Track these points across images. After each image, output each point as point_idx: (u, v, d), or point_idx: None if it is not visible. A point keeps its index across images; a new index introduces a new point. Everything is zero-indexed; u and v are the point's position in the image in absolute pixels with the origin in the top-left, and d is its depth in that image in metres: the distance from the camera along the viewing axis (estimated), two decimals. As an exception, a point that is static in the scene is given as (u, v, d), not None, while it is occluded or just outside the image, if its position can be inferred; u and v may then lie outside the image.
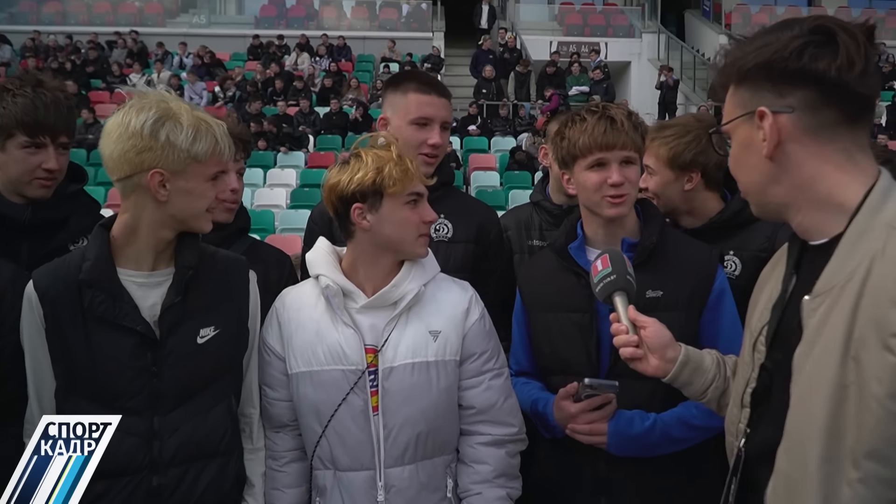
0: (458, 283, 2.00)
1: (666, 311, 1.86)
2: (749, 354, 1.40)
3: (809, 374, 1.17)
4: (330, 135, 14.35)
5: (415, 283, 1.87)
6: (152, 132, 1.63)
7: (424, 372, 1.84)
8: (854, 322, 1.11)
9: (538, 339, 2.10)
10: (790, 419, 1.20)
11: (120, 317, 1.68)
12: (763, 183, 1.30)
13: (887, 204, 1.17)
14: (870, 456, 1.07)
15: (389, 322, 1.85)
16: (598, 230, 2.03)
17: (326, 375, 1.83)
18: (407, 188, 1.82)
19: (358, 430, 1.82)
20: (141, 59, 17.19)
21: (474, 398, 1.92)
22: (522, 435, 1.98)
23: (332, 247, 1.97)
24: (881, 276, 1.09)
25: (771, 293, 1.39)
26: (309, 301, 1.91)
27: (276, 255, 2.45)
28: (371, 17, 19.93)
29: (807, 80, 1.20)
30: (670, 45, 19.13)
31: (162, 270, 1.76)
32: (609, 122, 1.92)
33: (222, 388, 1.82)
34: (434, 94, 2.37)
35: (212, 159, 1.70)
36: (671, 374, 1.57)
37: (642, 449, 1.90)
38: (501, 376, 1.96)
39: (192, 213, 1.73)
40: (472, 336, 1.92)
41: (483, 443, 1.92)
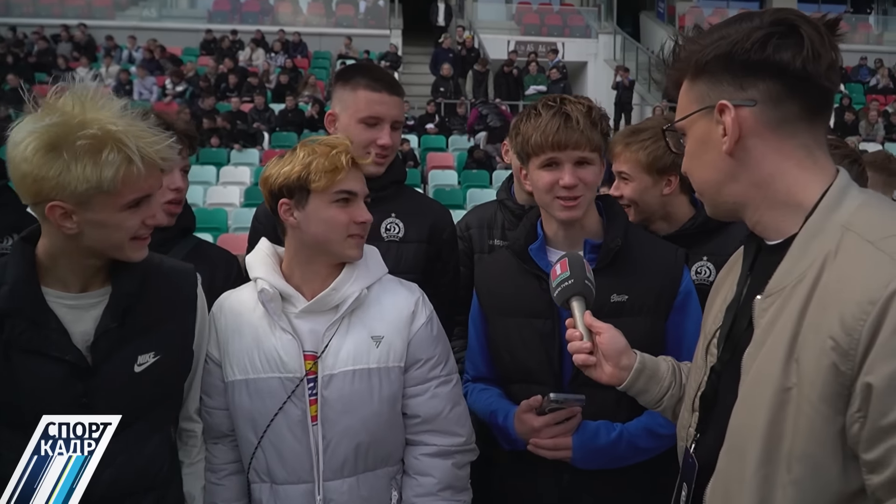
0: (405, 285, 1.91)
1: (631, 316, 1.82)
2: (702, 358, 1.36)
3: (754, 375, 1.15)
4: (285, 132, 14.13)
5: (356, 286, 1.78)
6: (45, 158, 1.38)
7: (366, 379, 1.75)
8: (801, 324, 1.09)
9: (497, 345, 2.00)
10: (733, 420, 1.18)
11: (46, 346, 1.50)
12: (720, 181, 1.24)
13: (843, 204, 1.14)
14: (802, 459, 1.06)
15: (330, 327, 1.76)
16: (557, 231, 1.94)
17: (263, 384, 1.75)
18: (335, 185, 1.72)
19: (295, 442, 1.73)
20: (89, 53, 16.69)
21: (419, 407, 1.84)
22: (471, 445, 1.91)
23: (273, 248, 1.88)
24: (830, 279, 1.07)
25: (726, 295, 1.36)
26: (248, 305, 1.81)
27: (222, 256, 2.34)
28: (328, 14, 19.70)
29: (770, 71, 1.16)
30: (626, 46, 19.33)
31: (95, 291, 1.58)
32: (563, 119, 1.79)
33: (160, 417, 1.69)
34: (385, 91, 2.26)
35: (126, 187, 1.44)
36: (626, 383, 1.52)
37: (609, 461, 1.84)
38: (449, 383, 1.88)
39: (111, 246, 1.52)
40: (418, 341, 1.83)
41: (428, 453, 1.85)
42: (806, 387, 1.05)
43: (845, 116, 15.32)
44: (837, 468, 1.04)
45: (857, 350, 1.00)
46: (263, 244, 1.90)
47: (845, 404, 1.02)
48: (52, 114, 1.42)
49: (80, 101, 1.45)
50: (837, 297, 1.04)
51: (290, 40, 17.66)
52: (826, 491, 1.05)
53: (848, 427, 1.02)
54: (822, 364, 1.03)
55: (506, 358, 1.97)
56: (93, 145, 1.40)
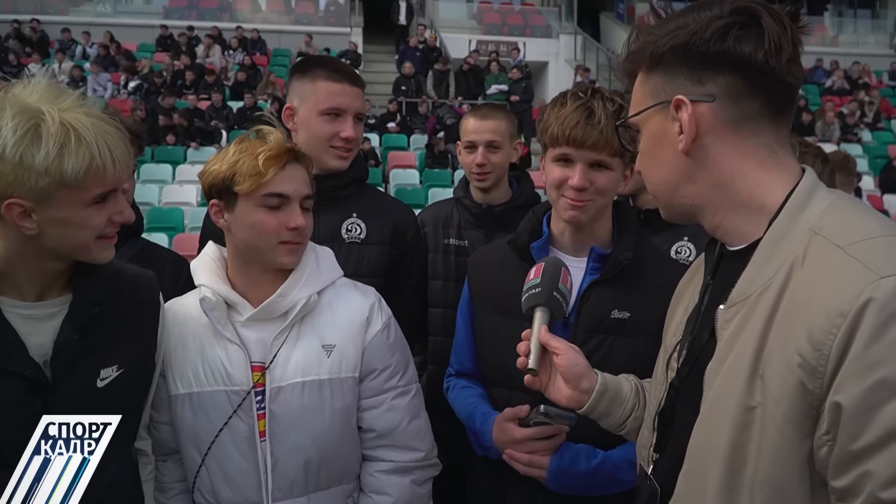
0: (360, 288, 1.79)
1: (631, 336, 1.70)
2: (662, 372, 1.28)
3: (716, 392, 1.06)
4: (244, 130, 13.85)
5: (305, 291, 1.66)
6: (3, 153, 1.28)
7: (316, 392, 1.63)
8: (766, 336, 0.99)
9: (484, 344, 1.88)
10: (693, 440, 1.09)
11: (2, 360, 1.38)
12: (676, 181, 1.15)
13: (810, 205, 1.05)
14: (766, 485, 0.97)
15: (278, 336, 1.64)
16: (565, 231, 1.80)
17: (207, 397, 1.63)
18: (261, 188, 1.58)
19: (241, 459, 1.61)
20: (41, 49, 16.22)
21: (374, 420, 1.72)
22: (432, 459, 1.80)
23: (219, 251, 1.76)
24: (797, 288, 0.98)
25: (687, 306, 1.27)
26: (192, 314, 1.69)
27: (171, 259, 2.24)
28: (287, 11, 19.42)
29: (730, 65, 1.07)
30: (586, 47, 19.42)
31: (53, 300, 1.46)
32: (586, 115, 1.63)
33: (122, 435, 1.53)
34: (346, 82, 2.16)
35: (90, 181, 1.34)
36: (587, 407, 1.43)
37: (584, 488, 1.71)
38: (407, 395, 1.76)
39: (76, 246, 1.40)
40: (373, 350, 1.71)
41: (384, 470, 1.73)
42: (771, 406, 0.96)
43: (802, 117, 15.61)
44: (804, 496, 0.96)
45: (827, 367, 0.90)
46: (210, 248, 1.78)
47: (813, 426, 0.93)
48: (11, 108, 1.31)
49: (37, 94, 1.35)
50: (805, 309, 0.94)
51: (249, 37, 17.36)
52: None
53: (815, 451, 0.93)
54: (789, 382, 0.94)
55: (490, 358, 1.86)
56: (57, 138, 1.30)
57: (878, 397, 0.86)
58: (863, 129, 16.42)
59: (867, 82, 18.39)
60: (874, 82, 18.88)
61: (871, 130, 16.55)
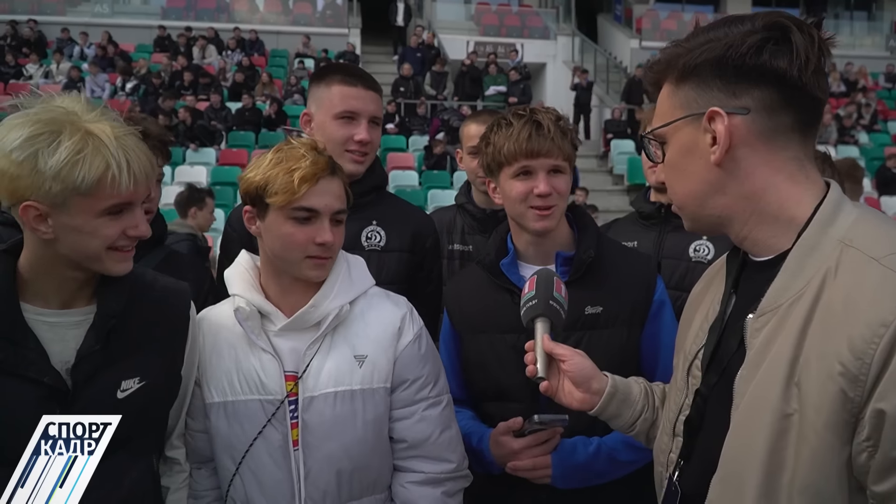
0: (392, 298, 1.78)
1: (607, 328, 1.78)
2: (683, 380, 1.29)
3: (751, 400, 1.08)
4: (242, 131, 13.88)
5: (337, 302, 1.66)
6: (23, 156, 1.30)
7: (348, 402, 1.63)
8: (801, 345, 1.01)
9: (470, 363, 1.93)
10: (727, 447, 1.11)
11: (22, 367, 1.38)
12: (705, 193, 1.17)
13: (838, 218, 1.08)
14: (805, 491, 0.99)
15: (311, 346, 1.64)
16: (528, 244, 1.89)
17: (242, 406, 1.63)
18: (293, 201, 1.58)
19: (275, 468, 1.61)
20: (39, 49, 16.18)
21: (406, 431, 1.71)
22: (463, 471, 1.79)
23: (252, 261, 1.76)
24: (833, 300, 1.00)
25: (707, 313, 1.29)
26: (227, 323, 1.69)
27: (193, 268, 2.23)
28: (285, 12, 19.41)
29: (766, 79, 1.09)
30: (584, 48, 19.44)
31: (79, 309, 1.47)
32: (535, 127, 1.76)
33: (142, 447, 1.55)
34: (361, 86, 2.18)
35: (103, 190, 1.35)
36: (598, 408, 1.46)
37: (589, 477, 1.77)
38: (438, 405, 1.75)
39: (86, 255, 1.41)
40: (405, 360, 1.70)
41: (416, 481, 1.72)
42: (810, 413, 0.98)
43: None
44: (842, 501, 0.98)
45: (868, 375, 0.93)
46: (243, 257, 1.78)
47: (852, 433, 0.96)
48: (37, 114, 1.34)
49: (65, 103, 1.38)
50: (844, 319, 0.97)
51: (246, 38, 17.35)
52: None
53: (855, 457, 0.96)
54: (829, 390, 0.96)
55: (479, 376, 1.90)
56: (75, 146, 1.32)
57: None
58: (860, 132, 16.48)
59: (864, 84, 18.46)
60: (870, 84, 18.96)
61: (867, 132, 16.63)
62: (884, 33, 22.22)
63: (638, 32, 20.58)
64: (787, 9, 21.73)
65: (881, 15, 22.96)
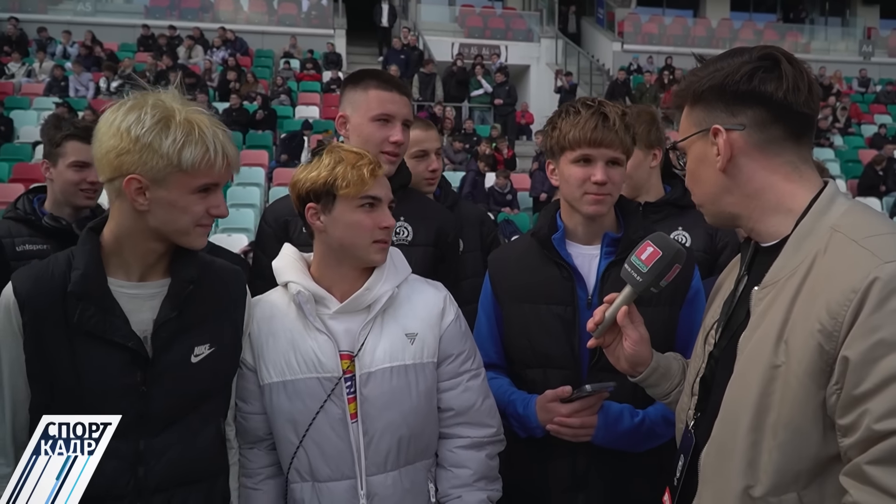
0: (431, 283, 1.96)
1: (649, 306, 1.89)
2: (701, 347, 1.51)
3: (748, 355, 1.30)
4: (230, 132, 13.87)
5: (388, 285, 1.83)
6: (135, 134, 1.49)
7: (403, 376, 1.80)
8: (791, 310, 1.24)
9: (512, 332, 2.05)
10: (728, 393, 1.33)
11: (110, 332, 1.54)
12: (717, 194, 1.41)
13: (832, 209, 1.29)
14: (787, 426, 1.21)
15: (364, 326, 1.80)
16: (578, 224, 2.01)
17: (302, 384, 1.77)
18: (361, 191, 1.76)
19: (338, 439, 1.77)
20: (20, 48, 16.05)
21: (452, 400, 1.89)
22: (501, 435, 1.96)
23: (298, 252, 1.91)
24: (819, 274, 1.22)
25: (725, 294, 1.50)
26: (280, 309, 1.84)
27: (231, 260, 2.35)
28: (269, 12, 19.42)
29: (756, 100, 1.34)
30: (567, 51, 19.69)
31: (155, 281, 1.64)
32: (601, 119, 1.89)
33: (213, 410, 1.72)
34: (395, 91, 2.33)
35: (200, 170, 1.53)
36: (638, 378, 1.66)
37: (627, 443, 1.92)
38: (479, 377, 1.94)
39: (175, 228, 1.58)
40: (449, 337, 1.89)
41: (462, 446, 1.90)
42: (794, 364, 1.20)
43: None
44: (818, 435, 1.19)
45: (840, 331, 1.14)
46: (288, 249, 1.93)
47: (827, 379, 1.17)
48: (148, 102, 1.54)
49: (170, 97, 1.57)
50: (825, 287, 1.18)
51: (231, 38, 17.31)
52: (806, 455, 1.20)
53: (827, 398, 1.17)
54: (809, 345, 1.18)
55: (523, 344, 2.03)
56: (182, 128, 1.51)
57: (877, 353, 1.11)
58: (834, 135, 16.88)
59: (838, 89, 18.90)
60: (845, 88, 19.41)
61: (842, 135, 17.05)
62: (857, 39, 22.73)
63: (620, 35, 20.89)
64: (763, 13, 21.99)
65: (854, 21, 23.52)
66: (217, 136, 1.55)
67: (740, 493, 1.26)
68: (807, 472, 1.21)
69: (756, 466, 1.24)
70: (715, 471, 1.33)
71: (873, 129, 17.36)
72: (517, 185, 13.02)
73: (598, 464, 1.94)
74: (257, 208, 11.66)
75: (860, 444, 1.13)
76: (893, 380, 1.09)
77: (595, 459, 1.94)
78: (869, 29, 22.99)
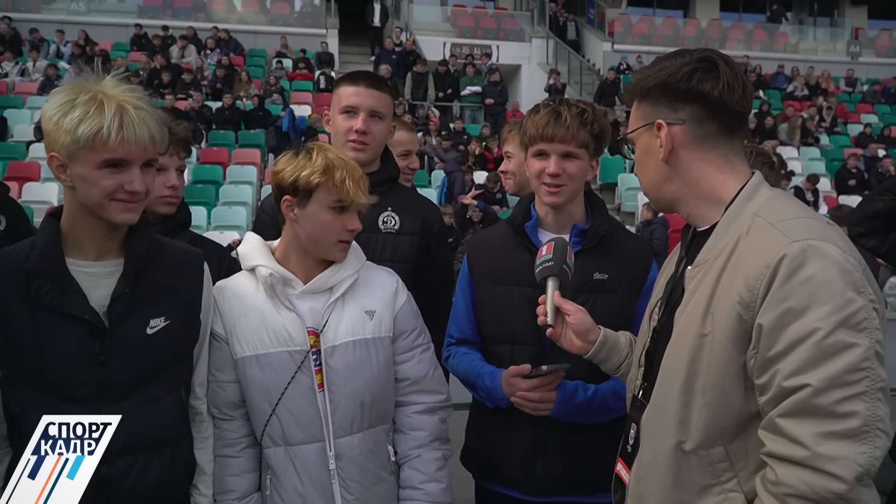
0: (384, 269, 2.15)
1: (609, 293, 2.12)
2: (646, 323, 1.69)
3: (681, 326, 1.47)
4: (222, 130, 14.02)
5: (350, 270, 2.02)
6: (49, 114, 1.63)
7: (364, 348, 1.98)
8: (717, 286, 1.40)
9: (486, 310, 2.23)
10: (664, 360, 1.50)
11: (67, 306, 1.66)
12: (659, 182, 1.56)
13: (755, 197, 1.46)
14: (714, 388, 1.37)
15: (328, 306, 1.97)
16: (547, 213, 2.20)
17: (273, 357, 1.94)
18: (336, 196, 1.91)
19: (308, 406, 1.94)
20: (14, 47, 16.11)
21: (408, 370, 2.09)
22: (449, 402, 2.17)
23: (261, 240, 2.08)
24: (741, 253, 1.38)
25: (667, 274, 1.69)
26: (249, 290, 2.00)
27: (215, 248, 2.52)
28: (262, 11, 19.52)
29: (695, 97, 1.49)
30: (558, 51, 19.84)
31: (112, 261, 1.75)
32: (554, 116, 2.07)
33: (172, 379, 1.83)
34: (361, 84, 2.50)
35: (97, 145, 1.61)
36: (591, 352, 1.83)
37: (582, 416, 2.10)
38: (429, 350, 2.15)
39: (91, 202, 1.67)
40: (403, 315, 2.09)
41: (418, 411, 2.10)
42: (718, 333, 1.36)
43: (766, 121, 16.18)
44: (740, 394, 1.36)
45: (756, 302, 1.30)
46: (252, 237, 2.10)
47: (746, 345, 1.33)
48: (72, 86, 1.66)
49: (97, 79, 1.68)
50: (744, 264, 1.35)
51: (223, 37, 17.39)
52: (730, 413, 1.36)
53: (747, 361, 1.33)
54: (731, 315, 1.34)
55: (493, 321, 2.21)
56: (84, 107, 1.61)
57: (786, 320, 1.27)
58: (821, 133, 17.07)
59: (826, 88, 19.10)
60: (832, 88, 19.61)
61: (828, 135, 17.24)
62: (845, 39, 22.94)
63: (610, 36, 21.04)
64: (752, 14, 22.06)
65: (842, 21, 23.72)
66: (119, 114, 1.61)
67: (673, 448, 1.42)
68: (732, 428, 1.37)
69: (688, 424, 1.40)
70: (653, 430, 1.50)
71: (859, 129, 17.58)
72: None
73: (556, 434, 2.12)
74: (249, 206, 11.79)
75: (773, 399, 1.29)
76: (800, 342, 1.25)
77: (553, 430, 2.12)
78: (857, 29, 23.19)
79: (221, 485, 1.96)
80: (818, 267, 1.26)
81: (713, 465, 1.38)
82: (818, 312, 1.24)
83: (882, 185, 3.36)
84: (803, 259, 1.27)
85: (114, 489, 1.70)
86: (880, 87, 20.01)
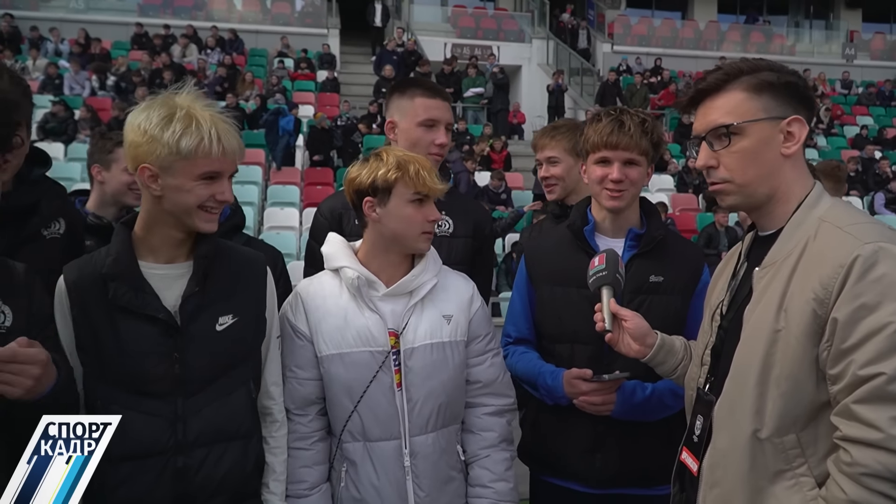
0: (460, 275, 2.24)
1: (664, 294, 2.21)
2: (708, 323, 1.78)
3: (753, 323, 1.56)
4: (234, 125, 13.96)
5: (430, 275, 2.10)
6: (144, 128, 1.73)
7: (441, 351, 2.07)
8: (789, 285, 1.50)
9: (545, 310, 2.33)
10: (737, 356, 1.59)
11: (142, 306, 1.77)
12: (768, 175, 1.59)
13: (819, 204, 1.57)
14: (788, 378, 1.47)
15: (409, 308, 2.06)
16: (605, 218, 2.30)
17: (356, 356, 2.02)
18: (417, 188, 2.01)
19: (387, 404, 2.02)
20: (13, 45, 16.03)
21: (481, 374, 2.17)
22: (515, 405, 2.26)
23: (344, 241, 2.15)
24: (811, 255, 1.48)
25: (727, 278, 1.78)
26: (333, 291, 2.09)
27: (269, 250, 2.60)
28: (263, 11, 19.52)
29: (810, 105, 1.62)
30: (559, 52, 19.91)
31: (182, 263, 1.86)
32: (618, 125, 2.17)
33: (241, 374, 1.91)
34: (439, 98, 2.59)
35: (198, 157, 1.73)
36: (648, 356, 1.93)
37: (641, 414, 2.20)
38: (499, 355, 2.25)
39: (183, 210, 1.78)
40: (477, 320, 2.17)
41: (488, 413, 2.19)
42: (792, 327, 1.46)
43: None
44: (812, 385, 1.45)
45: (830, 298, 1.41)
46: (335, 238, 2.17)
47: (819, 339, 1.43)
48: (159, 101, 1.77)
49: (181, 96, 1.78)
50: (817, 265, 1.45)
51: (225, 37, 17.39)
52: (803, 402, 1.46)
53: (820, 354, 1.43)
54: (805, 311, 1.44)
55: (554, 322, 2.30)
56: (182, 121, 1.72)
57: (860, 314, 1.37)
58: (818, 135, 17.25)
59: (822, 90, 19.27)
60: (828, 90, 19.80)
61: (825, 136, 17.44)
62: (840, 41, 23.16)
63: (610, 37, 21.18)
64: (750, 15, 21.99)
65: (838, 24, 23.95)
66: (214, 128, 1.74)
67: (750, 436, 1.51)
68: (804, 416, 1.47)
69: (763, 413, 1.50)
70: (727, 420, 1.58)
71: (855, 130, 17.81)
72: (511, 184, 13.28)
73: (615, 431, 2.22)
74: (255, 206, 11.83)
75: (847, 388, 1.38)
76: (873, 335, 1.35)
77: (612, 427, 2.21)
78: (852, 32, 23.44)
79: (293, 475, 2.04)
80: (889, 266, 1.38)
81: (786, 452, 1.48)
82: (890, 307, 1.35)
83: None
84: (875, 259, 1.38)
85: (189, 480, 1.79)
86: (875, 89, 20.25)
